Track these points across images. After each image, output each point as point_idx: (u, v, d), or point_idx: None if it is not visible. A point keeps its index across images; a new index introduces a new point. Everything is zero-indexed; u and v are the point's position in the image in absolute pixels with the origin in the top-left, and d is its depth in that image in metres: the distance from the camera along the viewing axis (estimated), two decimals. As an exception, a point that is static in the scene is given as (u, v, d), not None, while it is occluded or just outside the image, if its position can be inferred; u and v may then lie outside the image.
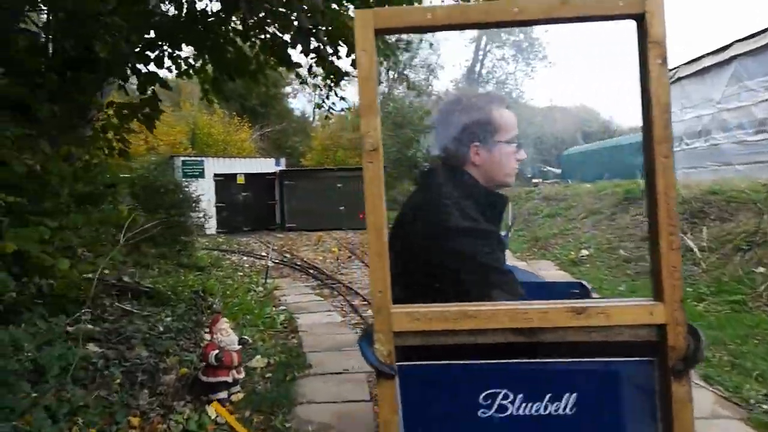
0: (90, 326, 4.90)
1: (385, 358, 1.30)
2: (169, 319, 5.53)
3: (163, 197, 9.97)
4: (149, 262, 8.87)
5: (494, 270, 1.57)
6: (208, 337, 4.03)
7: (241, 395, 4.02)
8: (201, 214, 19.76)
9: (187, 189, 11.00)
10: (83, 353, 3.92)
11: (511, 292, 1.54)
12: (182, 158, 20.46)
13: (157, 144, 26.23)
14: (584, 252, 11.11)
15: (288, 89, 55.94)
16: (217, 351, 3.89)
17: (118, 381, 3.75)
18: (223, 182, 21.06)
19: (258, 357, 4.82)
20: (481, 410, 1.32)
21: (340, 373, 4.56)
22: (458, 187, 1.69)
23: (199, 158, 20.94)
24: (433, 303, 1.32)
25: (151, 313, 5.61)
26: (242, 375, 4.11)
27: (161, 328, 5.14)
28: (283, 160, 22.66)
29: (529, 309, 1.27)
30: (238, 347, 4.06)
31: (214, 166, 21.00)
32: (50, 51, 4.63)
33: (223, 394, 3.90)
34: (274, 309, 7.11)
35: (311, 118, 55.93)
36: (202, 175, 20.63)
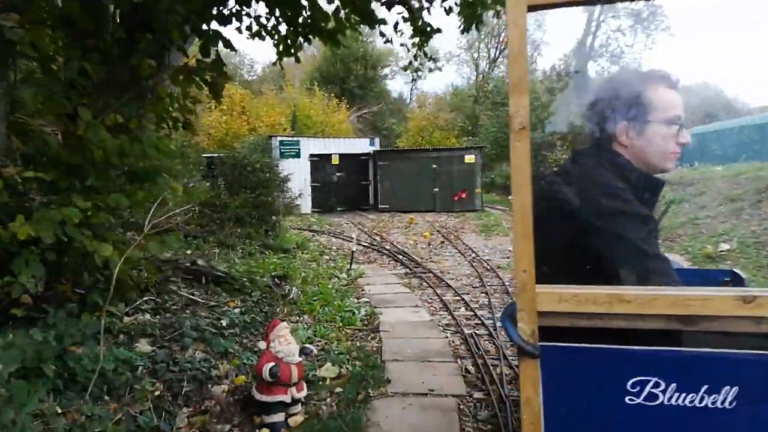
0: (148, 317, 4.45)
1: (529, 337, 1.34)
2: (237, 310, 4.97)
3: (249, 176, 9.63)
4: (233, 242, 8.55)
5: (652, 256, 1.53)
6: (263, 345, 3.32)
7: (300, 418, 3.29)
8: (294, 194, 19.88)
9: (276, 168, 10.59)
10: (126, 355, 3.39)
11: (669, 279, 1.49)
12: (280, 138, 20.51)
13: (258, 125, 26.79)
14: (724, 246, 9.31)
15: (386, 71, 55.92)
16: (273, 364, 3.18)
17: (158, 392, 3.16)
18: (318, 162, 20.89)
19: (328, 365, 4.08)
20: (629, 397, 1.31)
21: (425, 394, 3.69)
22: (610, 168, 1.65)
23: (295, 138, 20.89)
24: (578, 284, 1.34)
25: (219, 303, 5.09)
26: (303, 392, 3.37)
27: (225, 323, 4.58)
28: (377, 140, 22.03)
29: (691, 296, 1.25)
30: (299, 359, 3.32)
31: (310, 146, 20.86)
32: (107, 11, 4.09)
33: (278, 417, 3.19)
34: (355, 301, 6.40)
35: (408, 100, 55.20)
36: (298, 155, 20.58)
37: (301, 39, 5.06)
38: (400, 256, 9.75)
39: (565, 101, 26.58)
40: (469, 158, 20.29)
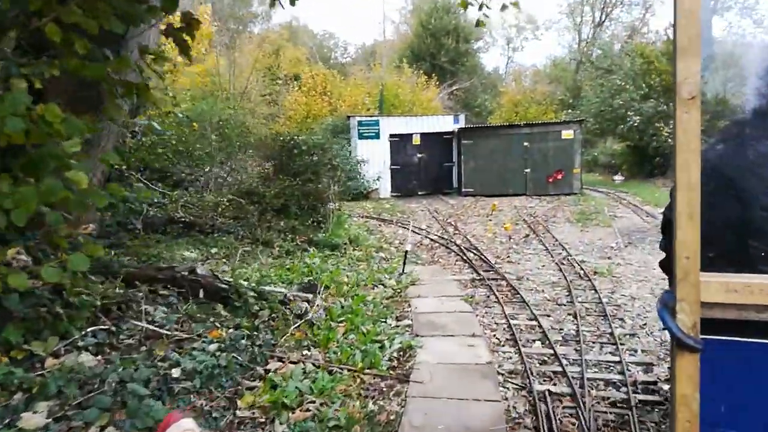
0: (86, 357, 3.29)
1: (690, 330, 1.29)
2: (213, 347, 3.68)
3: (296, 160, 8.40)
4: (269, 238, 7.39)
5: None
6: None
7: None
8: (370, 177, 18.66)
9: (328, 149, 9.28)
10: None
11: None
12: (358, 118, 19.29)
13: (339, 105, 25.84)
14: None
15: (479, 44, 52.80)
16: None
17: None
18: (399, 143, 19.44)
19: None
20: None
21: None
22: None
23: (374, 118, 19.54)
24: (746, 273, 1.32)
25: (193, 335, 3.84)
26: None
27: (184, 369, 3.30)
28: (462, 117, 20.04)
29: None
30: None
31: (391, 125, 19.44)
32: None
33: None
34: (393, 324, 4.91)
35: (503, 74, 51.80)
36: (377, 135, 19.28)
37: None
38: (471, 254, 8.07)
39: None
40: (567, 134, 17.79)
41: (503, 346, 4.46)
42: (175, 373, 3.20)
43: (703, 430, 1.30)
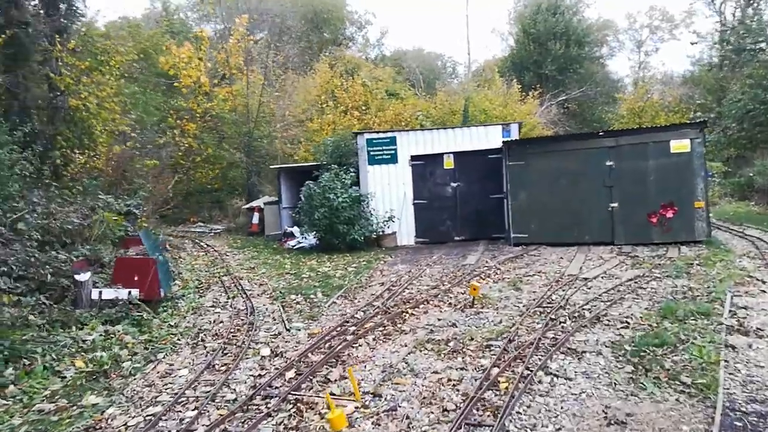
0: None
1: None
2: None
3: None
4: None
5: None
6: None
7: None
8: (378, 218, 13.30)
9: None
10: None
11: None
12: (368, 136, 14.18)
13: (373, 122, 20.80)
14: None
15: (603, 50, 44.50)
16: None
17: None
18: (424, 167, 13.94)
19: None
20: None
21: None
22: None
23: (389, 135, 14.26)
24: None
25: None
26: None
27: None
28: (515, 128, 13.85)
29: None
30: None
31: (411, 143, 14.03)
32: None
33: None
34: None
35: (627, 80, 42.86)
36: (393, 158, 14.01)
37: None
38: None
39: None
40: (679, 145, 10.91)
41: None
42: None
43: None
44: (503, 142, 12.56)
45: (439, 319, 6.15)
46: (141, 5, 63.11)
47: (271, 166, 16.26)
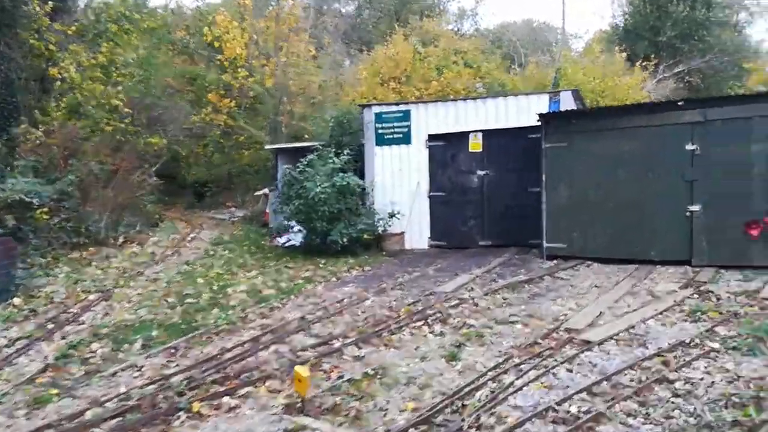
0: None
1: None
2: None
3: None
4: None
5: None
6: None
7: None
8: (380, 215, 10.42)
9: None
10: None
11: None
12: (376, 110, 11.33)
13: (412, 92, 17.60)
14: None
15: (742, 15, 36.60)
16: None
17: None
18: (444, 149, 10.84)
19: None
20: None
21: None
22: None
23: (402, 108, 11.26)
24: None
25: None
26: None
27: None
28: (566, 96, 10.12)
29: None
30: None
31: (429, 120, 10.96)
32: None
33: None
34: None
35: (761, 48, 34.79)
36: (407, 138, 11.08)
37: None
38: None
39: None
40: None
41: None
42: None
43: None
44: (539, 115, 9.06)
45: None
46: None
47: (266, 146, 14.03)
